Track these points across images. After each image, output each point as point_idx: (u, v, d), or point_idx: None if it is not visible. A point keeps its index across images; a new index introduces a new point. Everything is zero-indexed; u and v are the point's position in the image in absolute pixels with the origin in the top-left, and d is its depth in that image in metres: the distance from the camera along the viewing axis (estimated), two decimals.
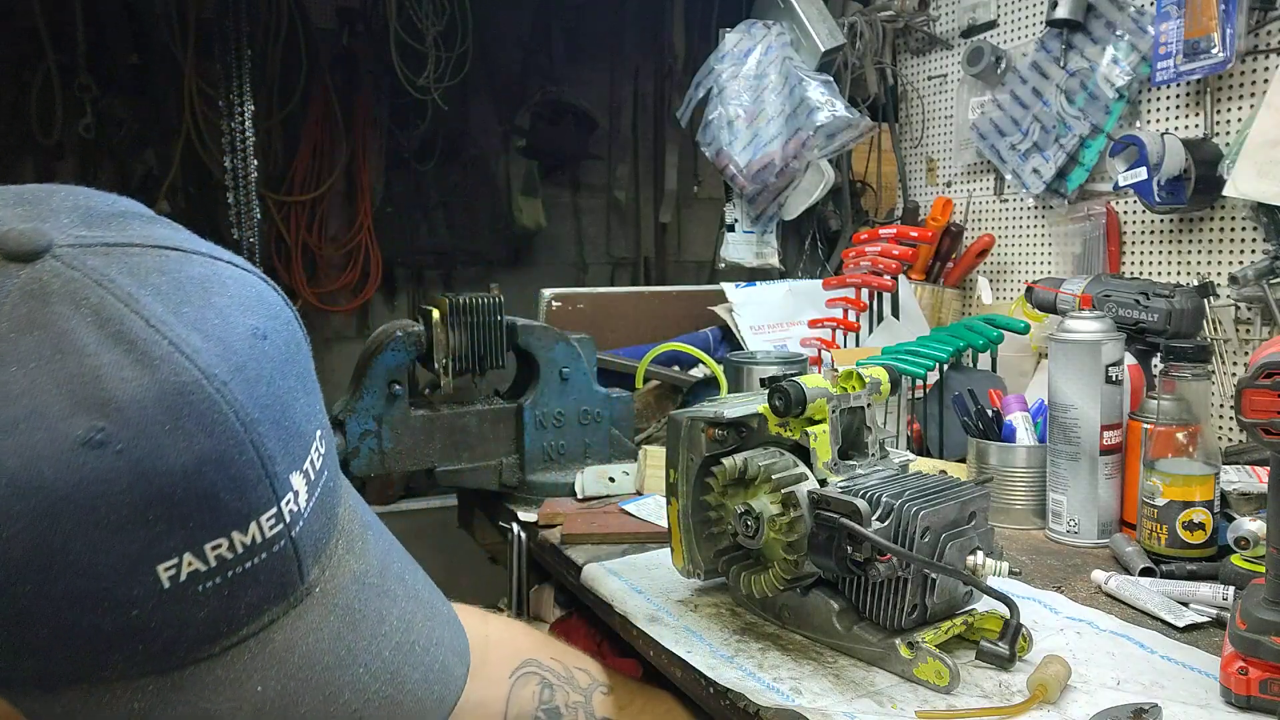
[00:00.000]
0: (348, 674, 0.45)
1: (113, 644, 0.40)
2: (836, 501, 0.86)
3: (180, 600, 0.40)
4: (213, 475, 0.40)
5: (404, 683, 0.47)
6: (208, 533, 0.40)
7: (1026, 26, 1.92)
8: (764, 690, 0.85)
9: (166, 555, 0.39)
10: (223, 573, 0.41)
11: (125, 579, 0.39)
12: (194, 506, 0.40)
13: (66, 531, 0.37)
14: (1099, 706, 0.80)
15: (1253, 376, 0.75)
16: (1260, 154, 1.39)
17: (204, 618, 0.41)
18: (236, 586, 0.42)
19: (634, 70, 3.15)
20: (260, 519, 0.42)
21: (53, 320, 0.38)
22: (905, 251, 1.90)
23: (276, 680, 0.43)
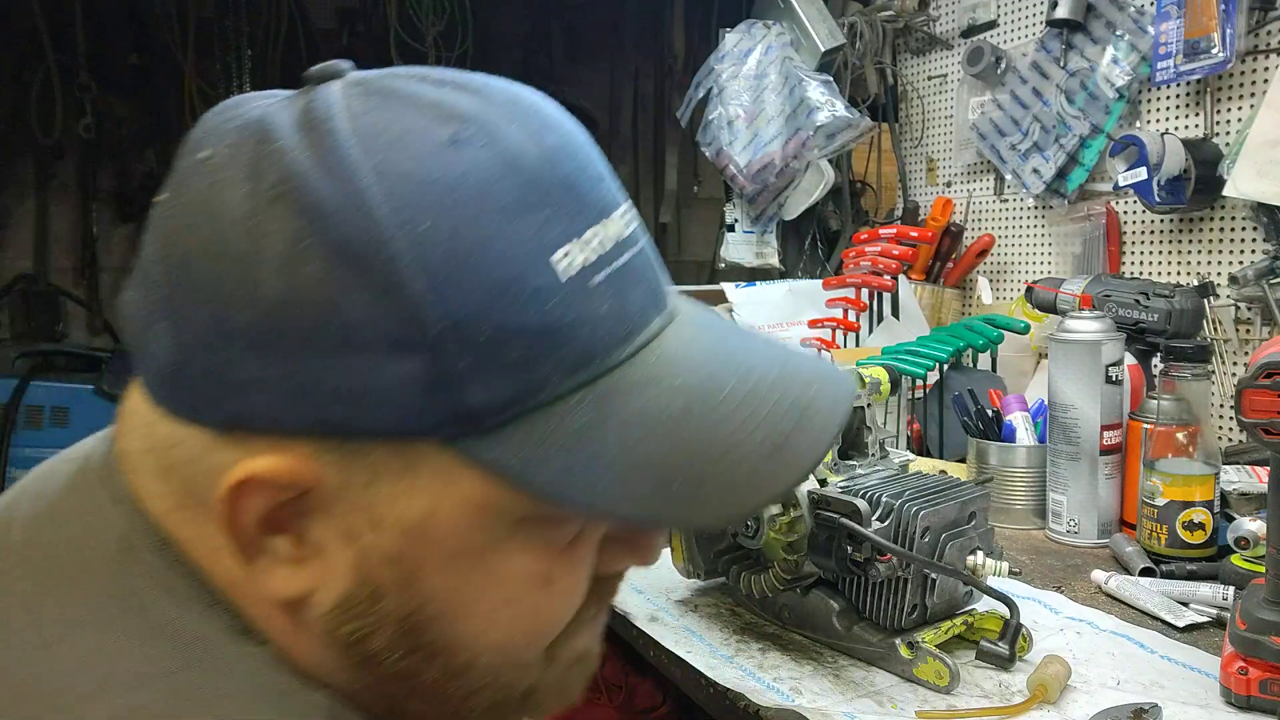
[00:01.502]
0: (748, 359, 0.46)
1: (539, 348, 0.40)
2: (836, 501, 0.86)
3: (581, 295, 0.41)
4: (566, 164, 0.43)
5: (798, 369, 0.47)
6: (582, 221, 0.42)
7: (1026, 26, 1.92)
8: (764, 690, 0.85)
9: (555, 244, 0.41)
10: (605, 265, 0.42)
11: (529, 268, 0.40)
12: (561, 192, 0.42)
13: (469, 219, 0.39)
14: (1099, 706, 0.80)
15: (1253, 376, 0.75)
16: (1260, 154, 1.39)
17: (606, 314, 0.42)
18: (622, 282, 0.43)
19: (634, 70, 3.14)
20: (614, 215, 0.44)
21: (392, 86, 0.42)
22: (905, 251, 1.90)
23: (690, 372, 0.44)
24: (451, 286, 0.38)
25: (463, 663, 0.45)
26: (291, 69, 2.66)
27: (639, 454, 0.41)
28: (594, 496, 0.41)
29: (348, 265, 0.38)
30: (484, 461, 0.40)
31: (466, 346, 0.39)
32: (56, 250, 2.98)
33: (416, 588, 0.42)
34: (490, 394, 0.39)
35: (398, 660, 0.43)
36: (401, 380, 0.39)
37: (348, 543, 0.42)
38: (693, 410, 0.43)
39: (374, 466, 0.41)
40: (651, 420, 0.42)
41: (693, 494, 0.42)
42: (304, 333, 0.38)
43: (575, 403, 0.41)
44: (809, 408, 0.45)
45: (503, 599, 0.44)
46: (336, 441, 0.40)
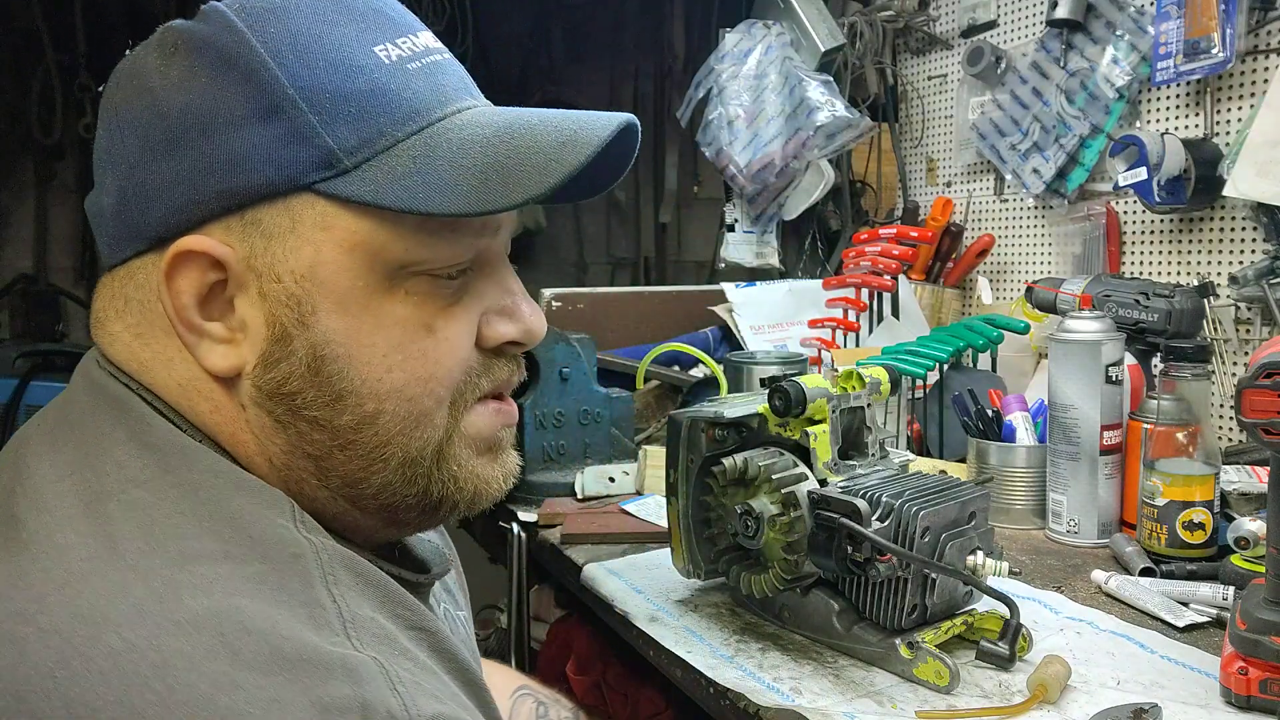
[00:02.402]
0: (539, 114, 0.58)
1: (370, 105, 0.53)
2: (836, 501, 0.86)
3: (400, 72, 0.55)
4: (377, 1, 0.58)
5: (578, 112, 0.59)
6: (393, 31, 0.56)
7: (1026, 26, 1.92)
8: (764, 690, 0.85)
9: (374, 41, 0.55)
10: (417, 59, 0.56)
11: (354, 53, 0.54)
12: (374, 14, 0.57)
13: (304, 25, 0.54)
14: (1099, 706, 0.80)
15: (1253, 376, 0.75)
16: (1260, 154, 1.39)
17: (423, 87, 0.56)
18: (434, 70, 0.57)
19: (634, 70, 3.14)
20: (419, 33, 0.58)
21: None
22: (905, 251, 1.90)
23: (500, 116, 0.57)
24: (296, 65, 0.53)
25: (371, 410, 0.55)
26: None
27: (462, 166, 0.54)
28: (431, 204, 0.53)
29: (224, 69, 0.53)
30: (345, 197, 0.53)
31: (314, 106, 0.53)
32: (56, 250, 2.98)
33: (315, 327, 0.54)
34: (339, 140, 0.53)
35: (313, 403, 0.55)
36: (273, 139, 0.52)
37: (260, 303, 0.54)
38: (500, 133, 0.55)
39: (266, 229, 0.53)
40: (469, 144, 0.55)
41: (506, 183, 0.53)
42: (199, 126, 0.53)
43: (409, 145, 0.54)
44: (590, 120, 0.56)
45: (392, 344, 0.55)
46: (236, 216, 0.53)
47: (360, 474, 0.56)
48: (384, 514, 0.58)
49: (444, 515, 0.61)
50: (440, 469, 0.58)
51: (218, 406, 0.55)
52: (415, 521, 0.60)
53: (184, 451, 0.53)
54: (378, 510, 0.58)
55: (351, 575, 0.50)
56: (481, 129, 0.56)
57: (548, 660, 1.45)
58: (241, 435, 0.55)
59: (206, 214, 0.53)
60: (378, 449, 0.56)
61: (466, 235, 0.57)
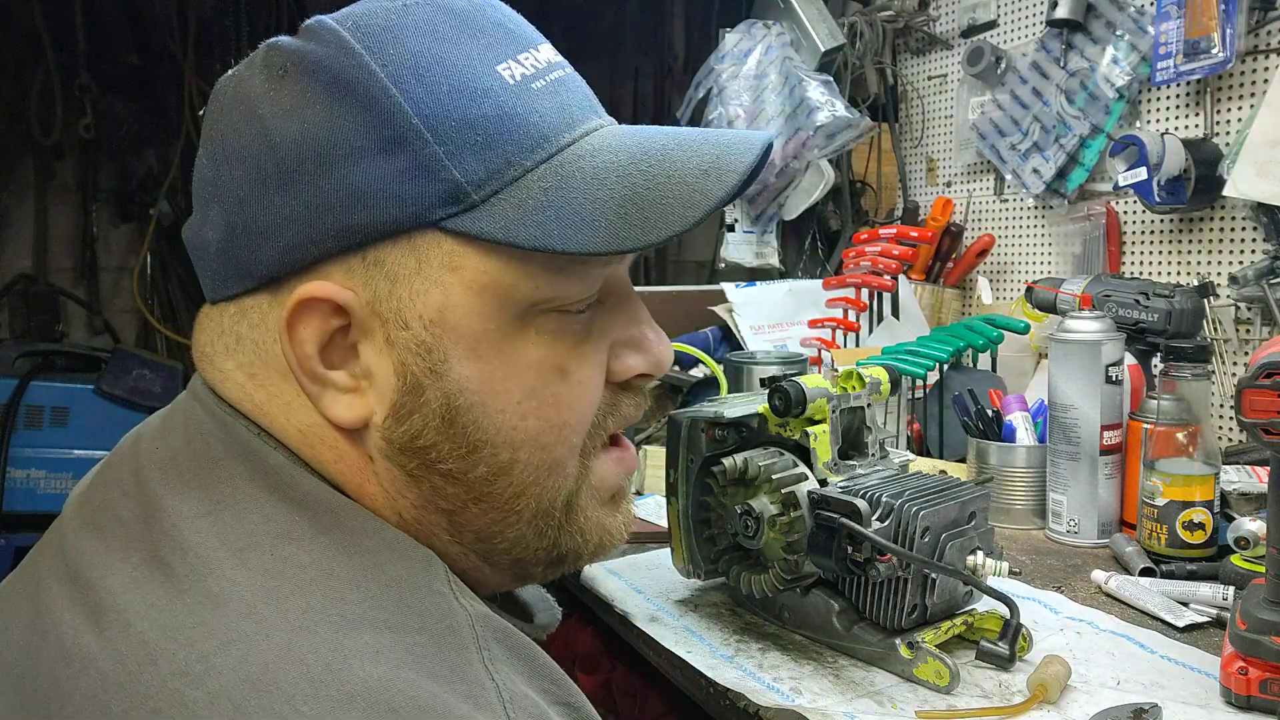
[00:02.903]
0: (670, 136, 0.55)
1: (497, 131, 0.50)
2: (836, 501, 0.86)
3: (525, 93, 0.52)
4: (493, 12, 0.55)
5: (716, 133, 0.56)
6: (514, 47, 0.53)
7: (1026, 26, 1.92)
8: (764, 690, 0.85)
9: (497, 60, 0.52)
10: (541, 77, 0.53)
11: (478, 75, 0.51)
12: (494, 28, 0.54)
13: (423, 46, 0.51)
14: (1099, 706, 0.80)
15: (1253, 376, 0.75)
16: (1260, 154, 1.39)
17: (549, 108, 0.52)
18: (559, 89, 0.54)
19: (634, 70, 3.15)
20: (540, 47, 0.55)
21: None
22: (905, 251, 1.90)
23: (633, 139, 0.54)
24: (419, 91, 0.49)
25: (506, 460, 0.53)
26: None
27: (598, 199, 0.50)
28: (567, 241, 0.49)
29: (341, 96, 0.49)
30: (475, 233, 0.49)
31: (438, 136, 0.49)
32: (56, 250, 2.99)
33: (448, 375, 0.51)
34: (466, 172, 0.49)
35: (449, 456, 0.52)
36: (396, 173, 0.49)
37: (388, 351, 0.51)
38: (636, 160, 0.52)
39: (391, 272, 0.50)
40: (604, 173, 0.51)
41: (646, 217, 0.50)
42: (315, 158, 0.49)
43: (539, 175, 0.51)
44: (730, 143, 0.54)
45: (526, 389, 0.52)
46: (358, 257, 0.50)
47: (494, 527, 0.54)
48: (514, 568, 0.57)
49: (568, 567, 0.59)
50: (570, 521, 0.56)
51: (342, 456, 0.52)
52: (541, 575, 0.58)
53: (333, 510, 0.49)
54: (509, 565, 0.56)
55: (503, 647, 0.48)
56: (614, 155, 0.52)
57: None
58: (369, 488, 0.52)
59: (324, 253, 0.50)
60: (512, 500, 0.54)
61: (595, 266, 0.54)
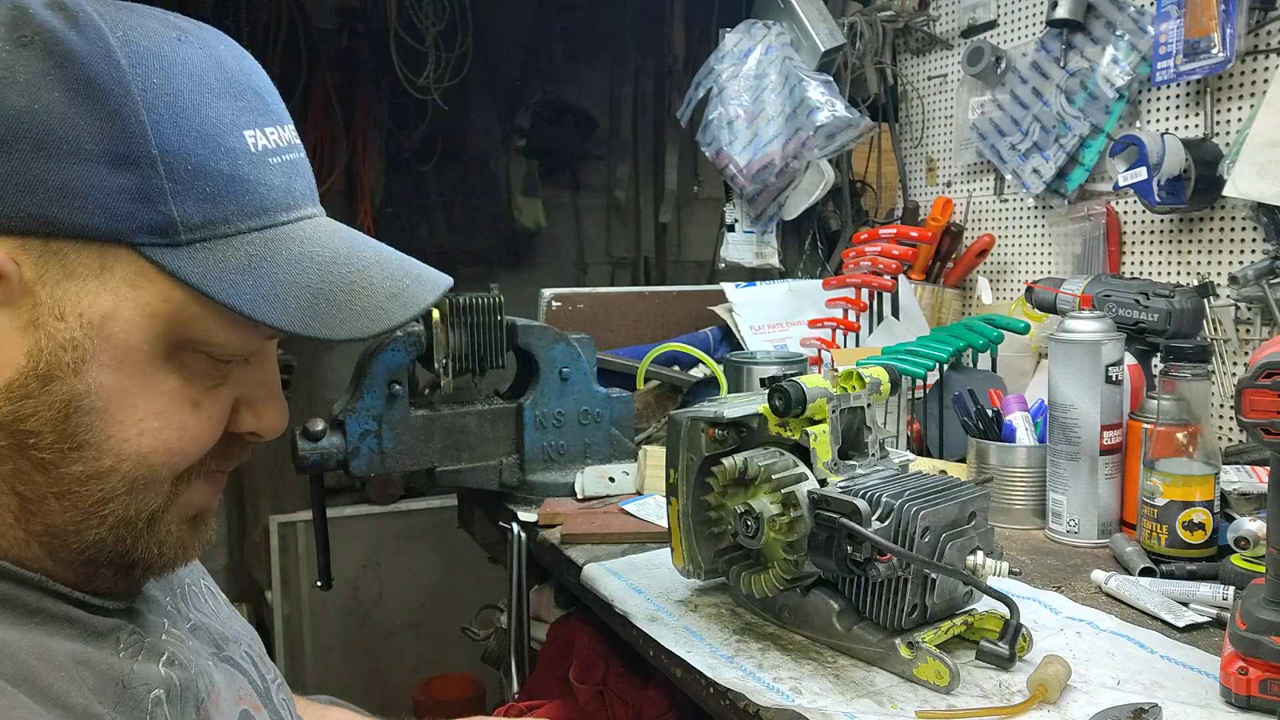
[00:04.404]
0: (379, 245, 0.60)
1: (226, 189, 0.52)
2: (836, 501, 0.86)
3: (262, 164, 0.54)
4: (257, 81, 0.57)
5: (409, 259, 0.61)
6: (265, 118, 0.56)
7: (1026, 26, 1.92)
8: (764, 690, 0.85)
9: (248, 125, 0.54)
10: (280, 154, 0.56)
11: (228, 133, 0.53)
12: (252, 96, 0.56)
13: (186, 87, 0.52)
14: (1099, 706, 0.80)
15: (1253, 376, 0.75)
16: (1260, 154, 1.39)
17: (278, 185, 0.55)
18: (290, 169, 0.57)
19: (634, 70, 3.14)
20: (286, 125, 0.58)
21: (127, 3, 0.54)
22: (905, 251, 1.90)
23: (340, 238, 0.58)
24: (168, 126, 0.51)
25: (106, 466, 0.53)
26: (291, 69, 2.67)
27: (295, 282, 0.54)
28: (256, 309, 0.52)
29: (86, 98, 0.49)
30: (171, 270, 0.51)
31: (171, 172, 0.51)
32: None
33: (85, 377, 0.51)
34: (184, 214, 0.51)
35: (49, 446, 0.52)
36: (117, 188, 0.50)
37: (29, 331, 0.50)
38: (338, 261, 0.56)
39: (69, 266, 0.50)
40: (307, 261, 0.55)
41: (332, 315, 0.54)
42: (35, 140, 0.49)
43: (250, 240, 0.54)
44: (418, 278, 0.59)
45: (154, 411, 0.54)
46: (40, 240, 0.50)
47: (71, 526, 0.53)
48: (82, 567, 0.55)
49: (137, 577, 0.59)
50: (150, 533, 0.56)
51: None
52: (109, 579, 0.57)
53: None
54: (77, 563, 0.55)
55: None
56: (321, 248, 0.56)
57: (548, 660, 1.45)
58: None
59: (5, 225, 0.49)
60: (98, 505, 0.53)
61: (264, 335, 0.57)
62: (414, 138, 2.94)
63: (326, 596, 2.48)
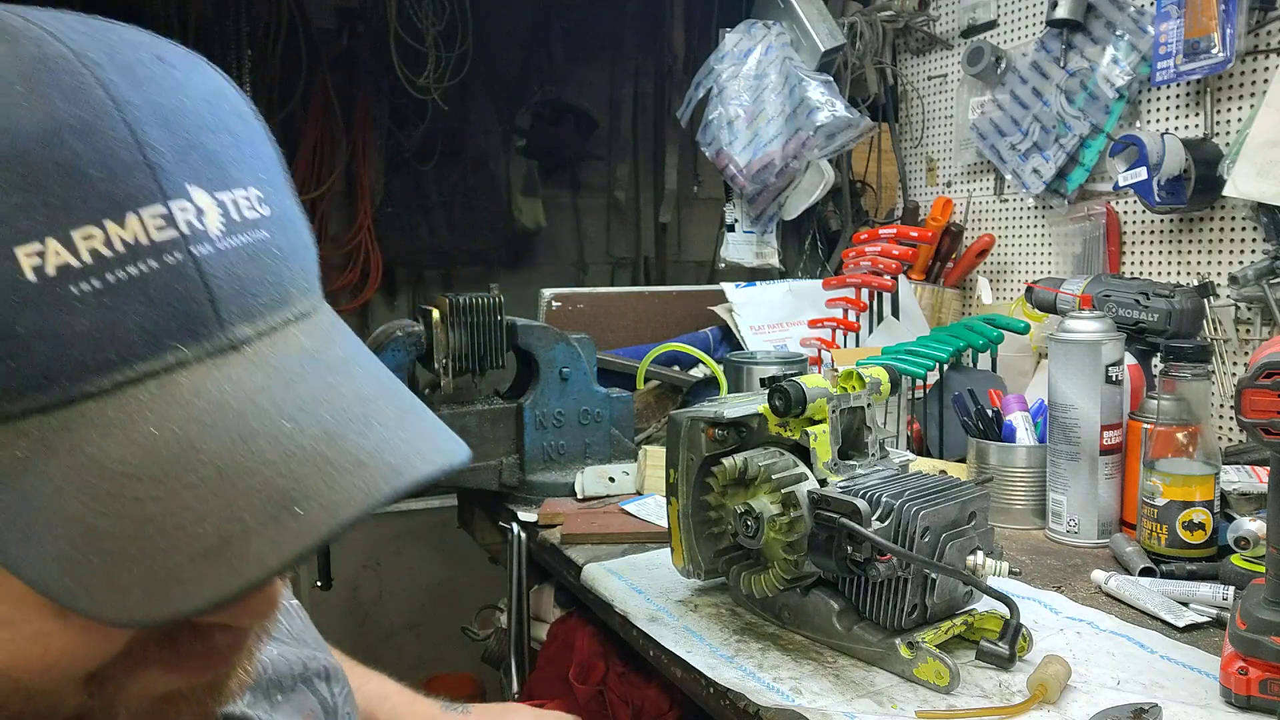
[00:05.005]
0: (269, 425, 0.36)
1: None
2: (836, 501, 0.86)
3: (51, 302, 0.33)
4: (74, 143, 0.34)
5: (344, 446, 0.37)
6: (74, 214, 0.33)
7: (1026, 26, 1.92)
8: (764, 690, 0.85)
9: (26, 236, 0.33)
10: (100, 273, 0.34)
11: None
12: (53, 176, 0.33)
13: None
14: (1099, 706, 0.80)
15: (1253, 376, 0.75)
16: (1260, 154, 1.39)
17: (85, 332, 0.34)
18: (121, 298, 0.34)
19: (634, 70, 3.15)
20: (142, 212, 0.35)
21: None
22: (905, 251, 1.90)
23: (175, 422, 0.35)
24: None
25: None
26: (291, 69, 2.67)
27: (68, 510, 0.34)
28: (3, 547, 0.34)
29: None
30: None
31: None
32: None
33: None
34: None
35: None
36: None
37: None
38: (149, 470, 0.34)
39: None
40: (97, 472, 0.34)
41: (101, 579, 0.33)
42: None
43: (20, 430, 0.34)
44: (301, 501, 0.35)
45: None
46: None
47: None
48: None
49: None
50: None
51: None
52: None
53: None
54: None
55: None
56: (133, 445, 0.35)
57: (547, 660, 1.45)
58: None
59: None
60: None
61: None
62: (414, 138, 2.94)
63: (326, 596, 2.48)
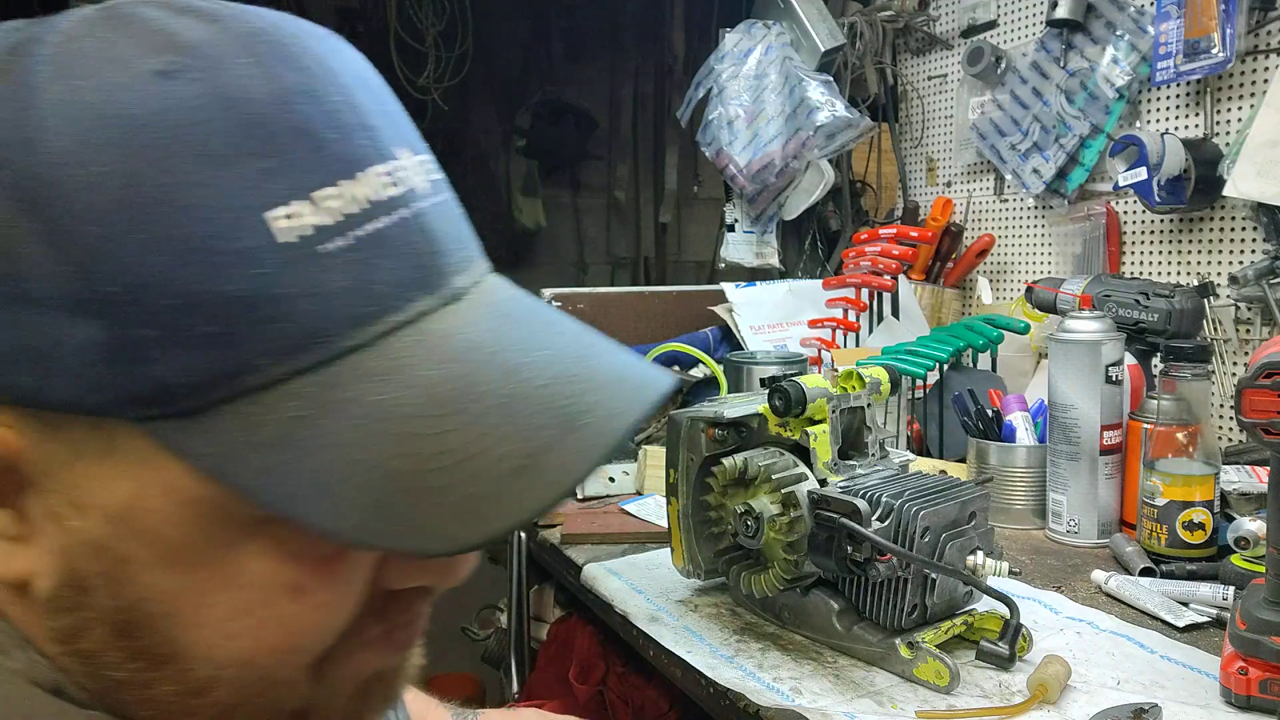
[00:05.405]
0: (523, 357, 0.38)
1: (241, 321, 0.34)
2: (836, 501, 0.86)
3: (304, 261, 0.34)
4: (305, 108, 0.36)
5: (594, 368, 0.40)
6: (316, 176, 0.35)
7: (1026, 26, 1.92)
8: (764, 690, 0.85)
9: (275, 199, 0.34)
10: (345, 231, 0.35)
11: (233, 225, 0.34)
12: (292, 140, 0.35)
13: (155, 162, 0.33)
14: (1099, 706, 0.80)
15: (1253, 376, 0.75)
16: (1260, 154, 1.39)
17: (343, 288, 0.35)
18: (368, 253, 0.36)
19: (634, 70, 3.15)
20: (371, 171, 0.37)
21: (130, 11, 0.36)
22: (905, 251, 1.90)
23: (443, 364, 0.37)
24: (127, 240, 0.33)
25: (204, 678, 0.38)
26: None
27: (358, 457, 0.35)
28: (295, 505, 0.34)
29: (21, 208, 0.33)
30: (178, 450, 0.34)
31: (148, 312, 0.33)
32: None
33: (128, 584, 0.37)
34: (181, 372, 0.34)
35: (120, 666, 0.38)
36: (80, 345, 0.33)
37: (54, 526, 0.36)
38: (432, 409, 0.36)
39: (74, 442, 0.35)
40: (382, 417, 0.35)
41: (414, 513, 0.35)
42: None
43: (293, 389, 0.35)
44: (583, 415, 0.37)
45: (240, 606, 0.37)
46: (32, 411, 0.35)
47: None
48: None
49: None
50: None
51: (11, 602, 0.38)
52: None
53: None
54: None
55: None
56: (411, 386, 0.36)
57: (547, 660, 1.45)
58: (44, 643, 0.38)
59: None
60: (223, 714, 0.39)
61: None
62: None
63: None
